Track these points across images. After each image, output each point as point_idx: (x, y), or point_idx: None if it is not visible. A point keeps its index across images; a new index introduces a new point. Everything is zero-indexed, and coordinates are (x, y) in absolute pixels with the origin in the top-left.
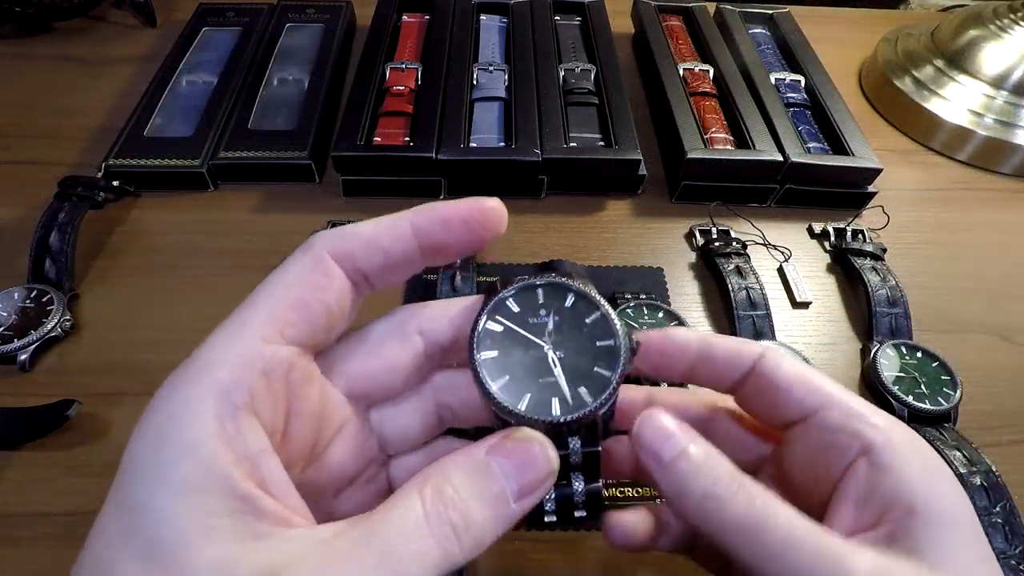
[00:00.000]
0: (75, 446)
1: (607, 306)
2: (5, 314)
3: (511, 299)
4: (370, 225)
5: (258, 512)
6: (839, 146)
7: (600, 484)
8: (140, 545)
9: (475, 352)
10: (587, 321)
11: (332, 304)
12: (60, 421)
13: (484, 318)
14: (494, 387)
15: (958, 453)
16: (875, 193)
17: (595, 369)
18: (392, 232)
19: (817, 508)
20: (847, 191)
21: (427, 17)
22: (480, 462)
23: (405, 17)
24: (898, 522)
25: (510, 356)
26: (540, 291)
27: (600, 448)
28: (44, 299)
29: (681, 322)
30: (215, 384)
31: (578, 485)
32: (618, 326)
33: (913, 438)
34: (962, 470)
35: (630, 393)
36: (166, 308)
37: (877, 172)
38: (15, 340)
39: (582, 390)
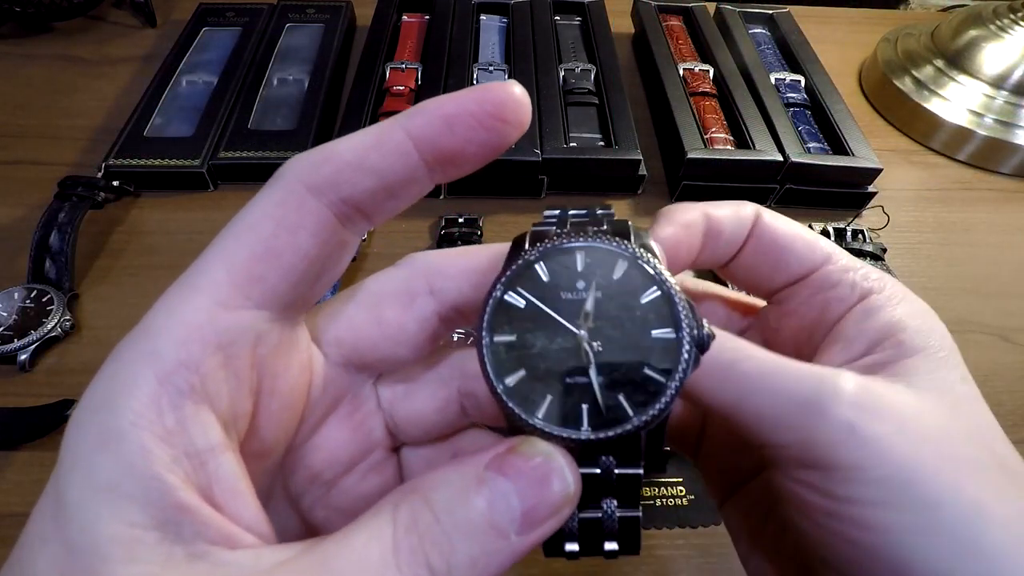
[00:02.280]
0: None
1: (671, 281)
2: (5, 314)
3: (540, 263)
4: (355, 140)
5: (196, 526)
6: (839, 146)
7: (639, 513)
8: (58, 549)
9: (484, 334)
10: (642, 301)
11: (312, 249)
12: (60, 421)
13: (500, 288)
14: (504, 384)
15: None
16: (875, 193)
17: (645, 370)
18: (382, 146)
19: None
20: (847, 191)
21: (427, 17)
22: (474, 480)
23: (405, 17)
24: (884, 351)
25: (531, 343)
26: (580, 255)
27: (642, 470)
28: (44, 299)
29: None
30: (155, 363)
31: (610, 509)
32: (684, 311)
33: (904, 288)
34: None
35: None
36: None
37: (877, 172)
38: (15, 340)
39: (622, 398)
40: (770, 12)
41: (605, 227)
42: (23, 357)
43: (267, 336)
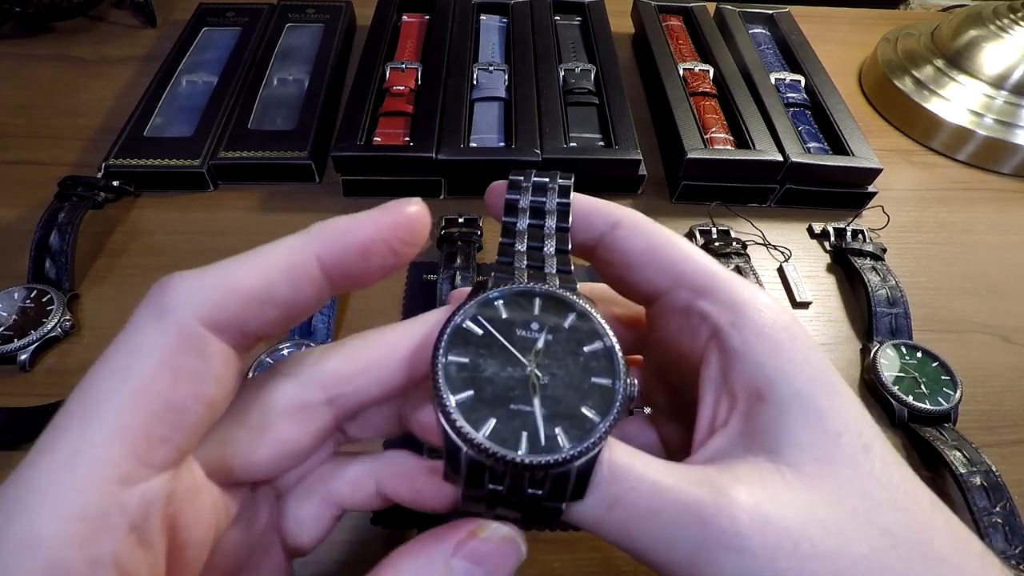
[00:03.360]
0: None
1: (612, 338)
2: (5, 314)
3: (501, 300)
4: (261, 268)
5: None
6: (839, 146)
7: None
8: None
9: (441, 353)
10: (586, 350)
11: (219, 394)
12: None
13: (462, 315)
14: (452, 400)
15: (958, 453)
16: (875, 193)
17: (583, 409)
18: (293, 277)
19: (693, 400)
20: (847, 191)
21: (427, 17)
22: (444, 569)
23: (405, 17)
24: (749, 413)
25: (483, 368)
26: (538, 300)
27: (564, 507)
28: (44, 299)
29: None
30: (55, 571)
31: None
32: (621, 365)
33: (768, 313)
34: (962, 470)
35: None
36: None
37: (877, 172)
38: (15, 340)
39: (559, 430)
40: (770, 12)
41: (558, 286)
42: (23, 357)
43: (175, 492)
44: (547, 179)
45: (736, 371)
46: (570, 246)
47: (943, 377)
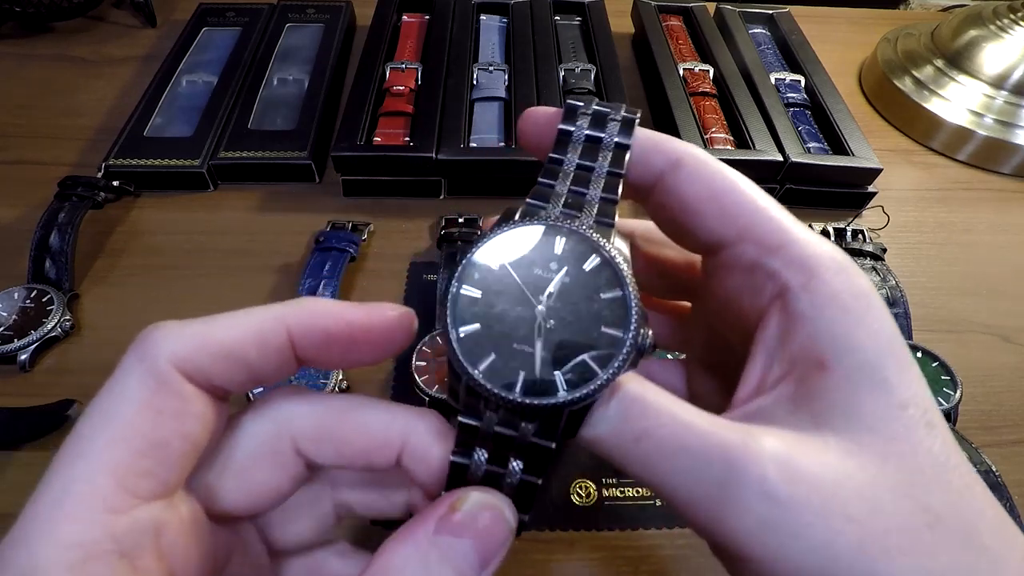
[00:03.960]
0: None
1: (632, 288)
2: (5, 314)
3: (526, 231)
4: (234, 329)
5: None
6: (839, 146)
7: (540, 481)
8: None
9: (455, 283)
10: (602, 296)
11: (197, 431)
12: (60, 421)
13: (479, 246)
14: (458, 332)
15: None
16: (875, 193)
17: (585, 356)
18: (264, 345)
19: (738, 357)
20: (847, 191)
21: (427, 17)
22: (430, 548)
23: (405, 17)
24: (804, 380)
25: (493, 303)
26: (563, 239)
27: (554, 446)
28: (44, 299)
29: None
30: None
31: (515, 470)
32: (635, 317)
33: (845, 277)
34: None
35: None
36: (166, 308)
37: (877, 172)
38: (15, 340)
39: (557, 374)
40: (770, 12)
41: (586, 228)
42: (23, 357)
43: (167, 523)
44: (610, 110)
45: (799, 336)
46: (619, 195)
47: (943, 377)
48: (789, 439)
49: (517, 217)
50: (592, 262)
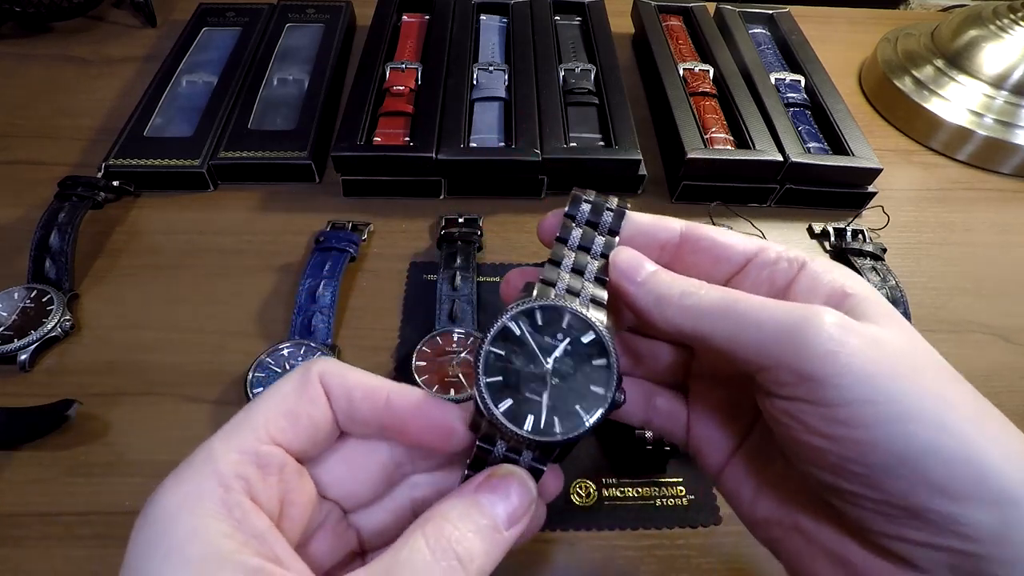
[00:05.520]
0: (75, 446)
1: (614, 358)
2: (5, 314)
3: (539, 310)
4: (360, 375)
5: None
6: (839, 146)
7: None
8: None
9: (486, 343)
10: (593, 363)
11: (320, 420)
12: (60, 421)
13: (509, 316)
14: (484, 380)
15: None
16: (875, 193)
17: (577, 408)
18: (371, 395)
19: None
20: (847, 191)
21: (427, 17)
22: (471, 500)
23: (405, 17)
24: (840, 304)
25: (513, 360)
26: (567, 317)
27: (546, 469)
28: (44, 299)
29: None
30: (218, 475)
31: (524, 463)
32: (614, 380)
33: (829, 259)
34: None
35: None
36: (166, 308)
37: (877, 172)
38: (15, 340)
39: (556, 419)
40: (770, 12)
41: (578, 307)
42: (23, 357)
43: (287, 466)
44: (600, 214)
45: (823, 281)
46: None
47: None
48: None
49: (535, 293)
50: (589, 336)
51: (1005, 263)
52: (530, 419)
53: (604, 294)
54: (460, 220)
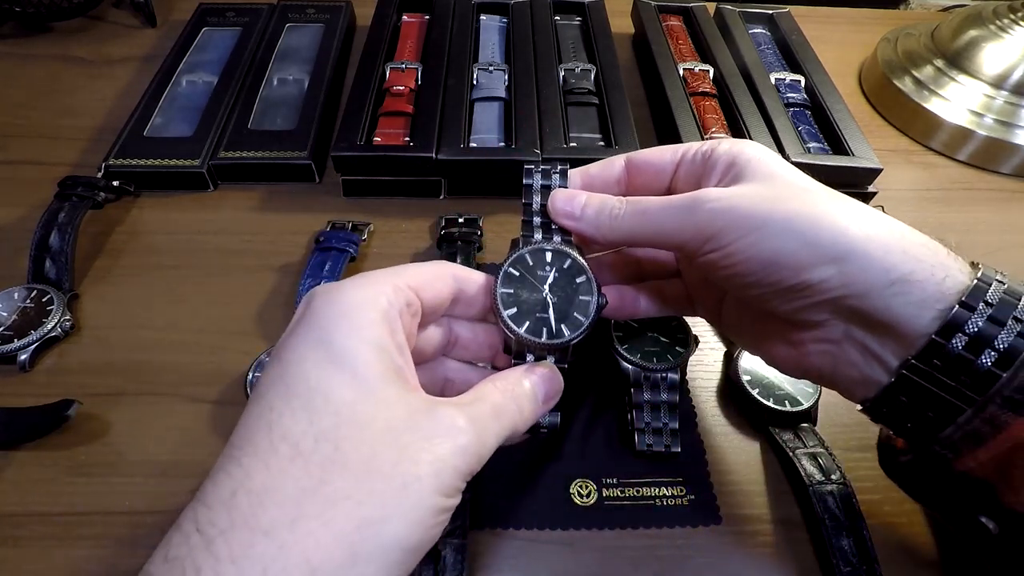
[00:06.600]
0: (75, 446)
1: (591, 272)
2: (5, 314)
3: (528, 255)
4: (471, 273)
5: (405, 377)
6: (839, 146)
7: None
8: (341, 370)
9: (498, 286)
10: (576, 281)
11: (444, 294)
12: (60, 421)
13: (507, 264)
14: (505, 313)
15: None
16: (875, 193)
17: (575, 314)
18: (440, 282)
19: None
20: (847, 191)
21: (427, 17)
22: (521, 378)
23: (405, 17)
24: (730, 174)
25: (520, 294)
26: (549, 253)
27: (567, 366)
28: (44, 299)
29: (687, 330)
30: (383, 294)
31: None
32: (595, 288)
33: (737, 141)
34: None
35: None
36: (166, 308)
37: (877, 172)
38: (15, 340)
39: (563, 327)
40: (770, 12)
41: (560, 242)
42: (23, 357)
43: (416, 315)
44: (549, 177)
45: (723, 158)
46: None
47: None
48: (720, 187)
49: (521, 245)
50: (567, 262)
51: (1005, 263)
52: (545, 331)
53: (572, 235)
54: (460, 220)
